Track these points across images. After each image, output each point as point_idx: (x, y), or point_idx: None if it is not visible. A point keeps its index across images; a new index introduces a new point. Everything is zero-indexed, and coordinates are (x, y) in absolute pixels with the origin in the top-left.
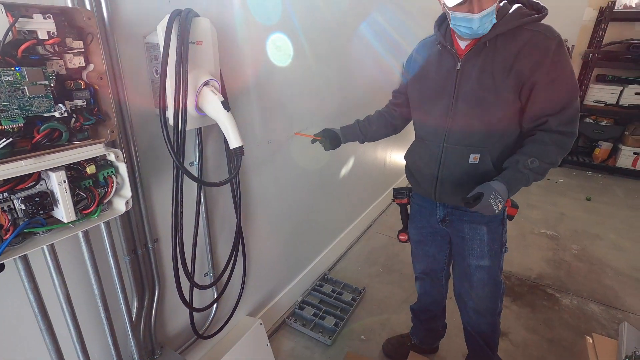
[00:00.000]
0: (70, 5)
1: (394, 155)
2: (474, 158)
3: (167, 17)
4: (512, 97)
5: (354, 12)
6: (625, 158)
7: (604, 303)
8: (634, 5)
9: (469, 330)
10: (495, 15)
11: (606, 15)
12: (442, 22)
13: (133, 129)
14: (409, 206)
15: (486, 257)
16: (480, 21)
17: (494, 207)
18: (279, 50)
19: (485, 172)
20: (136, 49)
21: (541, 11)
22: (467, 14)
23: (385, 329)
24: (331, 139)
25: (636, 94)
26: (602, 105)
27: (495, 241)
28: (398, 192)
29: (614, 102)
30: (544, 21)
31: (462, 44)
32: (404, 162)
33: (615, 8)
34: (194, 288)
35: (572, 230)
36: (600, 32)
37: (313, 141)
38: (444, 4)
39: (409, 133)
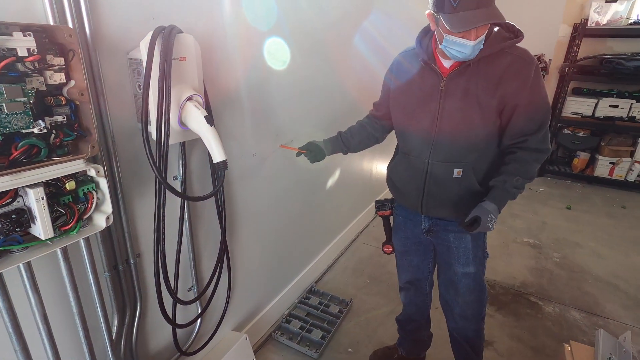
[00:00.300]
0: (52, 21)
1: (379, 166)
2: (457, 172)
3: (150, 33)
4: (495, 117)
5: (342, 22)
6: (602, 167)
7: (585, 310)
8: (605, 22)
9: (455, 337)
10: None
11: (580, 32)
12: (424, 36)
13: (115, 143)
14: (391, 218)
15: (471, 264)
16: (473, 48)
17: (490, 227)
18: (272, 56)
19: (469, 185)
20: (119, 64)
21: (518, 35)
22: (463, 39)
23: (372, 340)
24: (315, 152)
25: (610, 106)
26: (579, 117)
27: (478, 248)
28: (380, 205)
29: (590, 114)
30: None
31: (446, 63)
32: None
33: (588, 25)
34: (177, 303)
35: (554, 239)
36: (575, 48)
37: (298, 154)
38: (441, 25)
39: (394, 144)
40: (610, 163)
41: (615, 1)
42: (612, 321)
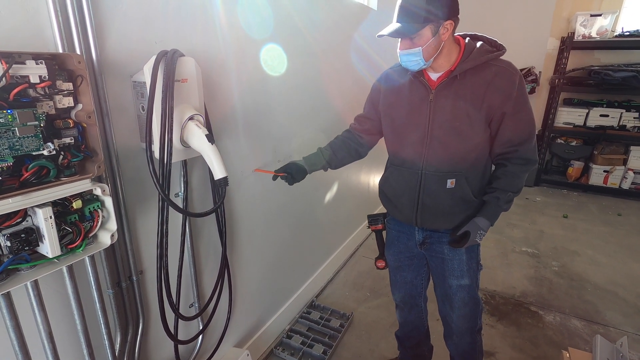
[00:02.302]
0: (60, 48)
1: (376, 179)
2: (450, 183)
3: (153, 57)
4: (484, 126)
5: (335, 36)
6: (597, 176)
7: (585, 318)
8: (591, 35)
9: (451, 351)
10: (422, 57)
11: (567, 45)
12: None
13: (119, 162)
14: (384, 232)
15: (466, 276)
16: (406, 57)
17: (478, 241)
18: (269, 66)
19: (463, 195)
20: (123, 87)
21: (500, 48)
22: (399, 50)
23: (374, 354)
24: (295, 173)
25: (601, 115)
26: (571, 126)
27: (472, 259)
28: (373, 219)
29: (582, 124)
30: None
31: (434, 76)
32: None
33: (575, 38)
34: (179, 320)
35: (552, 248)
36: (564, 60)
37: (274, 177)
38: None
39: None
40: (604, 171)
41: (600, 15)
42: (613, 329)
